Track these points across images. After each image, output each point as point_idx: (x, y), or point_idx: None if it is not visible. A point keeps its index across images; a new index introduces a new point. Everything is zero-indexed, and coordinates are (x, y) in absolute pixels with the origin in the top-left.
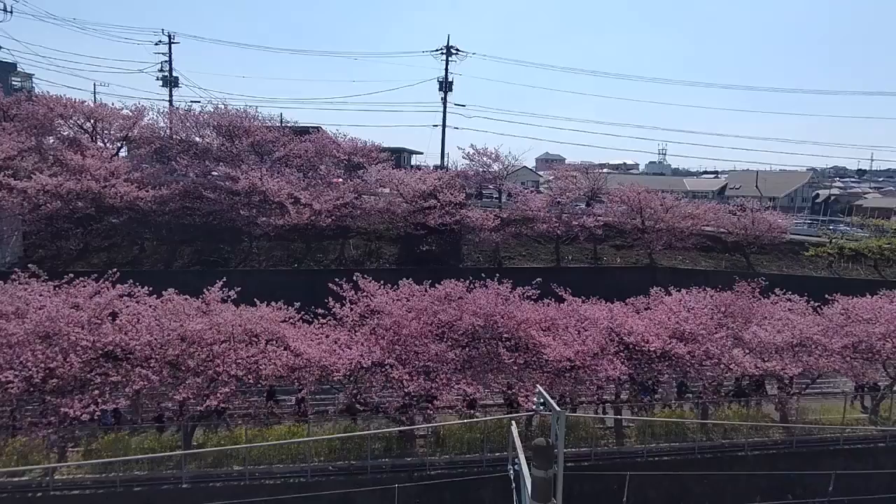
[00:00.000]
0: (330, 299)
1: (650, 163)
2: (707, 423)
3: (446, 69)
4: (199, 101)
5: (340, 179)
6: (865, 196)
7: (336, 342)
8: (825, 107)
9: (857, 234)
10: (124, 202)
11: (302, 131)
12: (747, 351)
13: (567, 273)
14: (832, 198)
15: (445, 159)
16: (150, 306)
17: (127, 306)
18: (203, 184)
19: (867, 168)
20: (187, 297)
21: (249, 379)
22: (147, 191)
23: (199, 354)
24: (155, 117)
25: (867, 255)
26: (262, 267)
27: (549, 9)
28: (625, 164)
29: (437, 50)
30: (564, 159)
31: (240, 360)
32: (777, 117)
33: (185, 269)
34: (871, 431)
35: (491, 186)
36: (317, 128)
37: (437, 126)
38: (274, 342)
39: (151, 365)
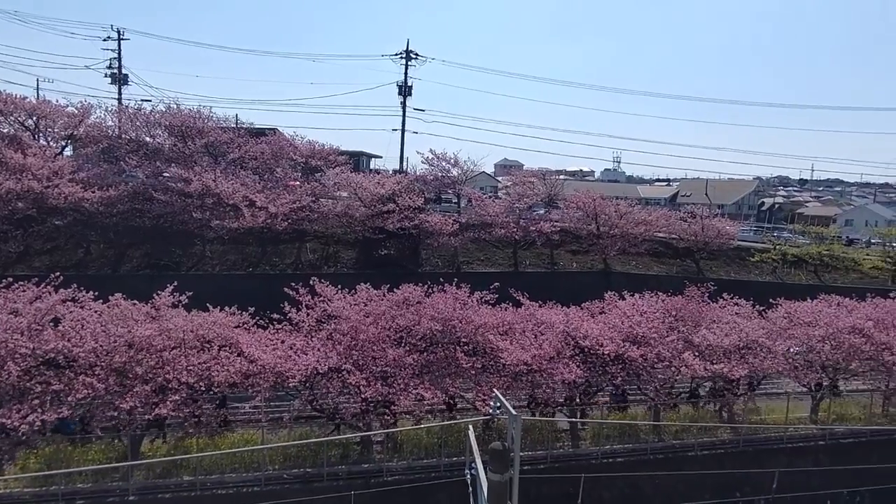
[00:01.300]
0: (286, 304)
1: (605, 170)
2: (659, 424)
3: (405, 73)
4: (150, 100)
5: (297, 182)
6: (807, 205)
7: (292, 348)
8: (770, 118)
9: (799, 241)
10: (68, 203)
11: (258, 133)
12: (697, 354)
13: (525, 277)
14: (776, 206)
15: (405, 164)
16: (96, 311)
17: (70, 312)
18: (154, 185)
19: (808, 178)
20: (136, 301)
21: (201, 386)
22: (93, 192)
23: (147, 361)
24: (103, 115)
25: (808, 261)
26: (215, 271)
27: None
28: (581, 170)
29: (396, 54)
30: (523, 165)
31: (191, 367)
32: (727, 127)
33: (134, 272)
34: (811, 430)
35: (450, 191)
36: (273, 129)
37: (396, 130)
38: (227, 348)
39: (96, 373)
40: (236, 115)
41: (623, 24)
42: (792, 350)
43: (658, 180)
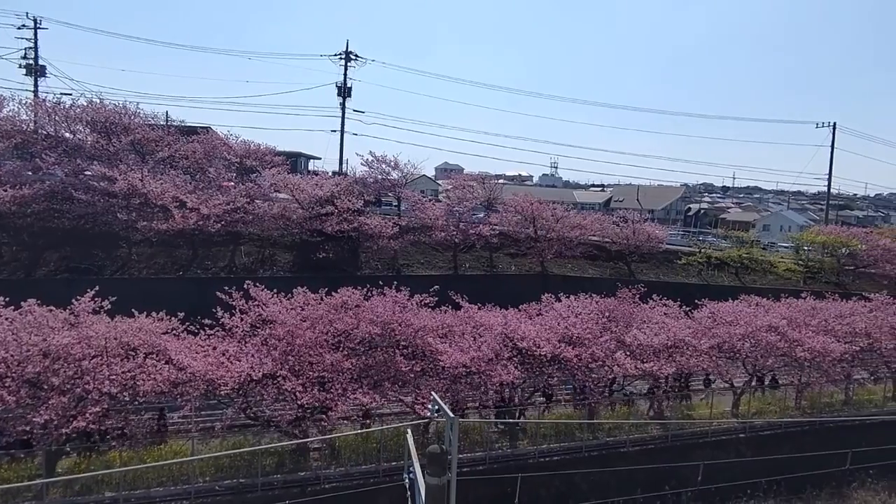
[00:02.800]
0: (219, 309)
1: (543, 175)
2: (593, 422)
3: (345, 74)
4: (70, 94)
5: (232, 183)
6: (729, 210)
7: (224, 354)
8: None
9: (722, 245)
10: None
11: (189, 131)
12: (629, 353)
13: (464, 280)
14: (701, 211)
15: (344, 166)
16: (6, 318)
17: None
18: (74, 184)
19: (730, 185)
20: (52, 308)
21: (125, 396)
22: (5, 190)
23: (64, 371)
24: (16, 109)
25: (730, 264)
26: (142, 275)
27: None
28: (520, 175)
29: (336, 54)
30: (463, 169)
31: (114, 376)
32: (657, 136)
33: (51, 277)
34: (733, 424)
35: (390, 194)
36: (206, 128)
37: (335, 132)
38: (154, 355)
39: (7, 384)
40: (166, 112)
41: (560, 34)
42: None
43: (593, 186)
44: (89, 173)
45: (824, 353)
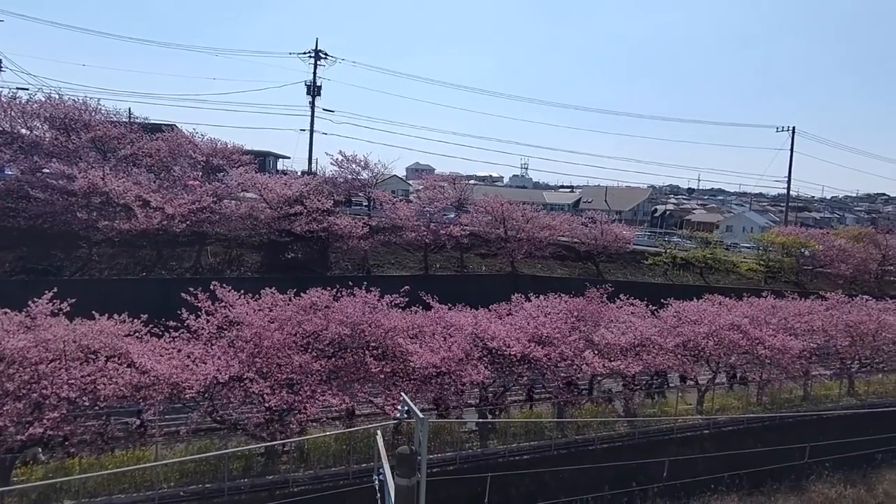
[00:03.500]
0: (184, 311)
1: (513, 176)
2: (563, 421)
3: (314, 73)
4: (27, 89)
5: (197, 182)
6: (693, 212)
7: (189, 357)
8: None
9: (687, 245)
10: None
11: (154, 129)
12: (597, 352)
13: (435, 281)
14: (667, 212)
15: (313, 165)
16: None
17: None
18: (31, 182)
19: (695, 187)
20: (7, 310)
21: (85, 401)
22: None
23: (20, 376)
24: None
25: (695, 264)
26: (103, 276)
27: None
28: (490, 176)
29: (305, 53)
30: (434, 169)
31: (73, 381)
32: (626, 139)
33: (6, 278)
34: (697, 420)
35: (360, 194)
36: (171, 126)
37: (304, 131)
38: (116, 359)
39: None
40: (129, 109)
41: (531, 37)
42: None
43: (562, 187)
44: (47, 171)
45: (784, 351)
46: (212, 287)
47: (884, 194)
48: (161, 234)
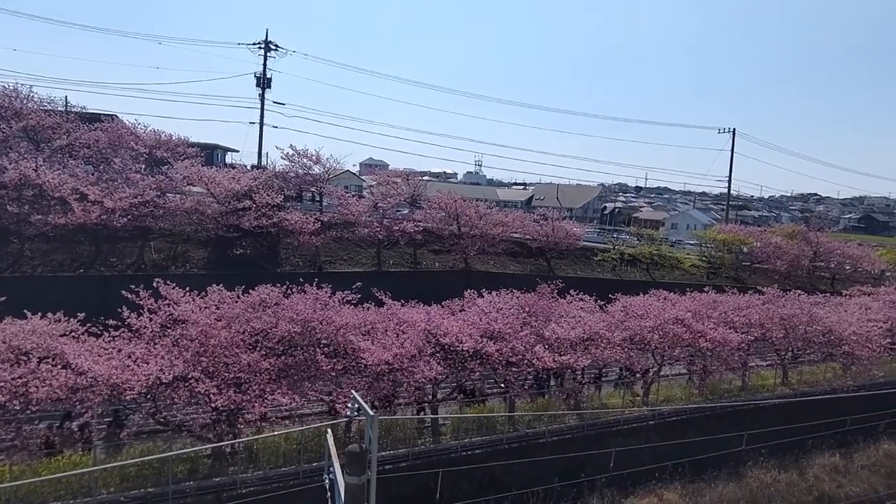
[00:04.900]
0: (125, 309)
1: (468, 173)
2: (514, 415)
3: (264, 64)
4: None
5: (139, 175)
6: (641, 209)
7: (130, 356)
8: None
9: (634, 242)
10: None
11: (92, 118)
12: (547, 347)
13: (388, 277)
14: (616, 210)
15: (264, 159)
16: None
17: None
18: None
19: (643, 186)
20: None
21: (16, 405)
22: None
23: None
24: None
25: (641, 260)
26: (37, 273)
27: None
28: (445, 172)
29: (255, 44)
30: (388, 165)
31: (2, 383)
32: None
33: None
34: (643, 411)
35: (312, 189)
36: (111, 116)
37: (254, 124)
38: (50, 360)
39: None
40: (66, 98)
41: (488, 36)
42: None
43: (516, 184)
44: None
45: (724, 343)
46: (155, 284)
47: (816, 194)
48: (100, 229)
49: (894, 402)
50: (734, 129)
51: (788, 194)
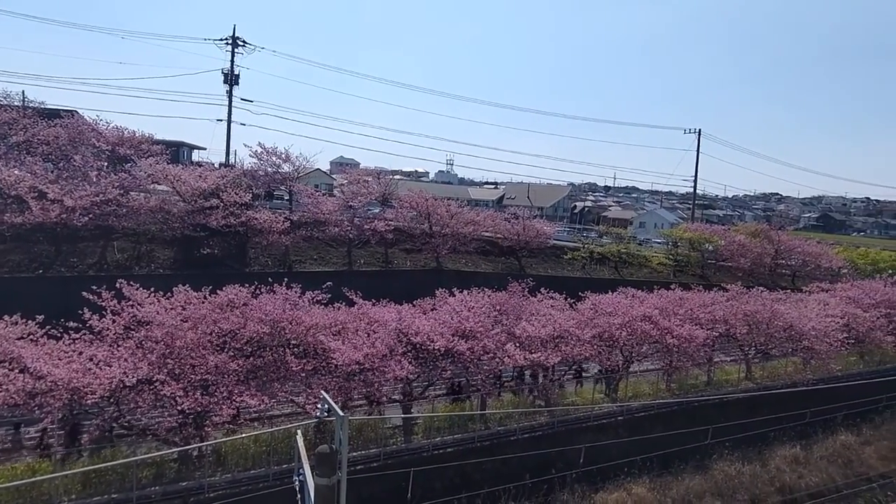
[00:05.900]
0: (86, 310)
1: (439, 172)
2: (485, 413)
3: (232, 61)
4: None
5: (102, 172)
6: (610, 208)
7: (92, 359)
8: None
9: (603, 241)
10: None
11: (51, 114)
12: (518, 344)
13: (359, 276)
14: (586, 209)
15: (232, 157)
16: None
17: None
18: None
19: (612, 185)
20: None
21: None
22: None
23: None
24: None
25: (610, 259)
26: None
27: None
28: (416, 171)
29: (222, 39)
30: (359, 164)
31: None
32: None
33: None
34: (612, 408)
35: (281, 188)
36: (71, 111)
37: (221, 121)
38: (7, 364)
39: None
40: (23, 92)
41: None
42: None
43: (487, 183)
44: None
45: (690, 339)
46: (118, 285)
47: (777, 194)
48: (60, 229)
49: (851, 395)
50: (699, 130)
51: (751, 194)
